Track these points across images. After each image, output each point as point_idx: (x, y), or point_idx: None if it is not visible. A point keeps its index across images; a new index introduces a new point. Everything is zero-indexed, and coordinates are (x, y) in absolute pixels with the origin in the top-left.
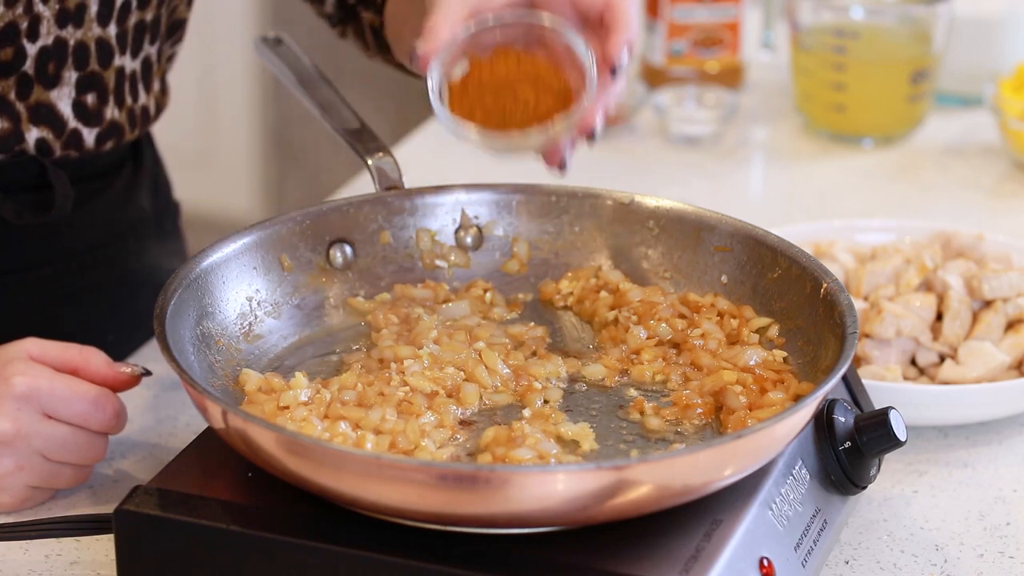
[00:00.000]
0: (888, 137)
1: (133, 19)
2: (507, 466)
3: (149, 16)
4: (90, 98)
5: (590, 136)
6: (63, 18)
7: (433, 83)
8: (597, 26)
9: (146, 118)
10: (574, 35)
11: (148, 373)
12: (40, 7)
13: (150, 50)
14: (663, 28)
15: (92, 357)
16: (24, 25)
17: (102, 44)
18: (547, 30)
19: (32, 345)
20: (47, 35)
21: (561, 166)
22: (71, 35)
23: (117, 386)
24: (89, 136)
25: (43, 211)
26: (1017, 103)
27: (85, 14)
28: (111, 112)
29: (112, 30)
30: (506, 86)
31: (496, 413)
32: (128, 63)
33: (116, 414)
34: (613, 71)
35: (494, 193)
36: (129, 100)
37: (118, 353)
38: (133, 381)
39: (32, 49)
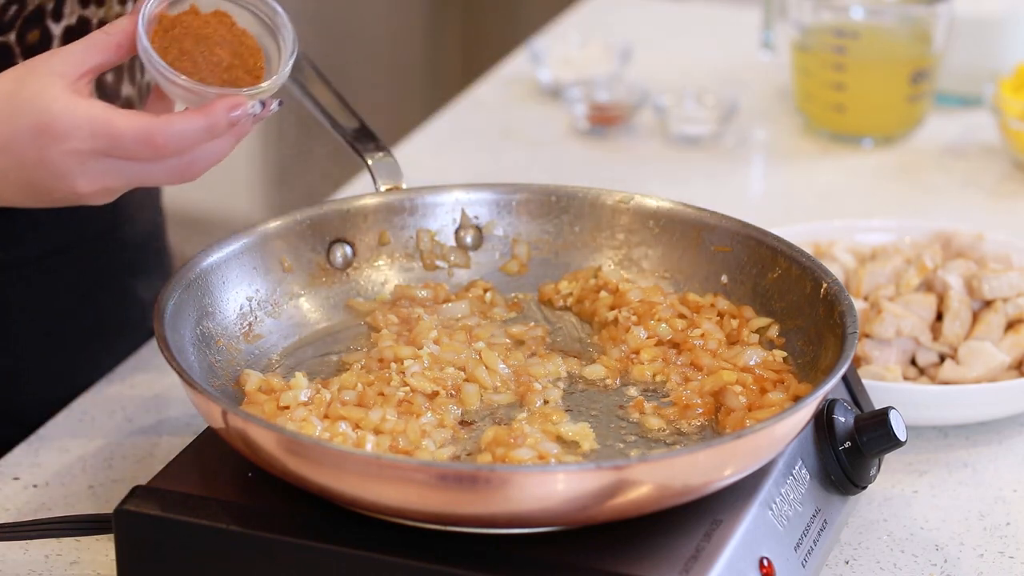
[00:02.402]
0: (888, 137)
1: None
2: (507, 466)
3: None
4: (110, 76)
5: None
6: None
7: (149, 6)
8: None
9: (150, 92)
10: (288, 30)
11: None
12: None
13: None
14: None
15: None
16: (50, 7)
17: None
18: (278, 16)
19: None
20: (71, 15)
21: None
22: (94, 14)
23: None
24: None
25: None
26: (1017, 103)
27: None
28: (126, 89)
29: (130, 6)
30: (207, 40)
31: (496, 413)
32: None
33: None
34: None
35: (494, 193)
36: (138, 75)
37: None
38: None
39: (57, 30)
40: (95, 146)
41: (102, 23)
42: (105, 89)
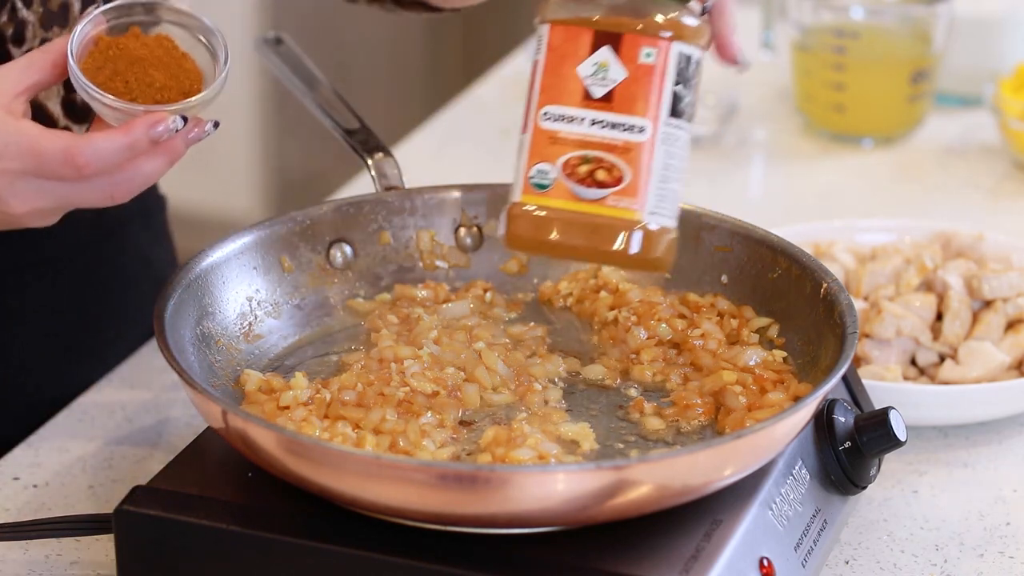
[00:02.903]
0: (888, 137)
1: None
2: (507, 466)
3: None
4: (41, 94)
5: (735, 62)
6: (48, 20)
7: (82, 27)
8: None
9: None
10: (222, 51)
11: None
12: (24, 12)
13: None
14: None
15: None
16: (10, 32)
17: None
18: (210, 32)
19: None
20: (33, 39)
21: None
22: (57, 36)
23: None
24: (79, 132)
25: None
26: (1017, 103)
27: (69, 14)
28: (52, 107)
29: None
30: (141, 62)
31: (496, 413)
32: None
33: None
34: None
35: (494, 193)
36: (63, 92)
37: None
38: None
39: (19, 53)
40: (23, 166)
41: None
42: (76, 109)
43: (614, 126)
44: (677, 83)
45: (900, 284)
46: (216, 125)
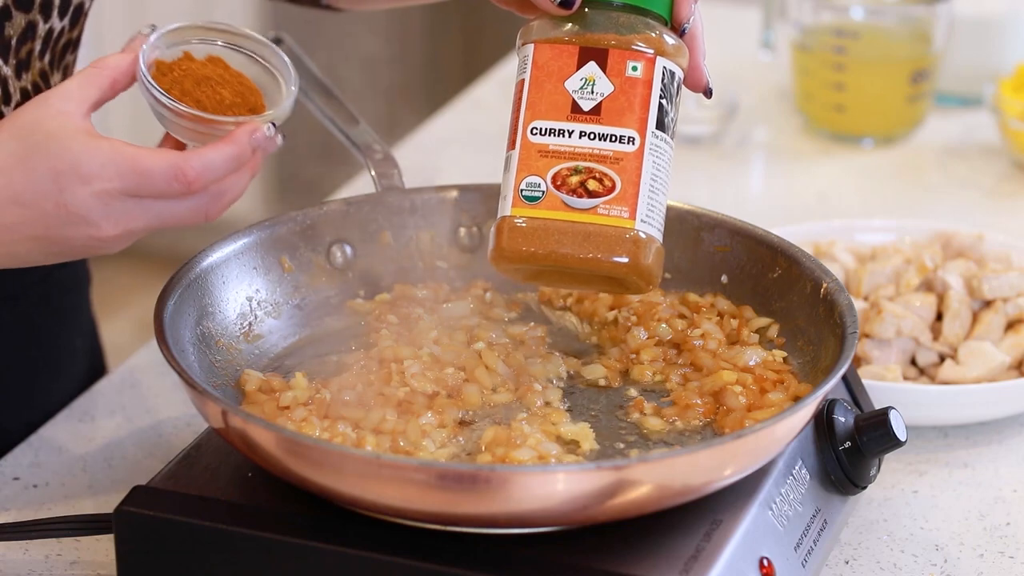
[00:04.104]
0: (888, 137)
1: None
2: (507, 466)
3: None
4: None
5: (707, 93)
6: (18, 69)
7: (148, 48)
8: None
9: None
10: (285, 63)
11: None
12: (4, 69)
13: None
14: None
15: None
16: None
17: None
18: (271, 52)
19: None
20: (14, 92)
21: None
22: (27, 82)
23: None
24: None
25: None
26: (1017, 103)
27: (32, 58)
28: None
29: (57, 77)
30: (208, 81)
31: (496, 413)
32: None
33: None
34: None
35: (494, 193)
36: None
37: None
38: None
39: (8, 111)
40: (123, 186)
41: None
42: None
43: (603, 137)
44: (662, 97)
45: (900, 284)
46: (284, 137)
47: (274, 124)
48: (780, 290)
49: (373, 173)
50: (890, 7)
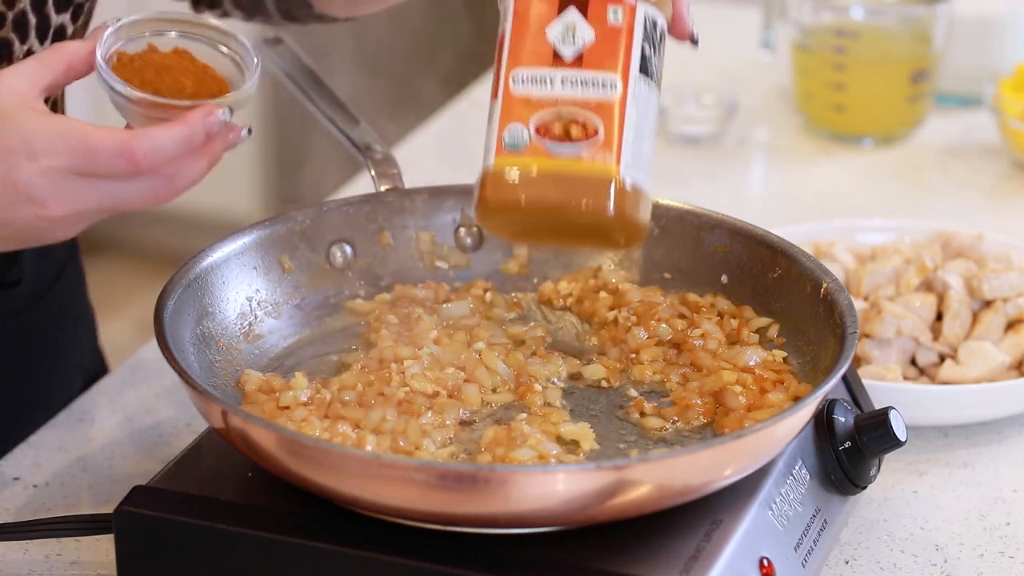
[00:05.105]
0: (888, 137)
1: None
2: (507, 466)
3: None
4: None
5: (692, 40)
6: None
7: (107, 37)
8: None
9: None
10: (249, 52)
11: None
12: None
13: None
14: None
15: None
16: None
17: None
18: (236, 42)
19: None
20: None
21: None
22: None
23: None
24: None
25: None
26: (1017, 103)
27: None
28: None
29: None
30: (169, 70)
31: (496, 413)
32: None
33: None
34: None
35: None
36: None
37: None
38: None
39: None
40: (71, 163)
41: None
42: None
43: (585, 84)
44: (644, 42)
45: (900, 284)
46: (250, 132)
47: (231, 110)
48: (780, 290)
49: (373, 173)
50: (890, 7)
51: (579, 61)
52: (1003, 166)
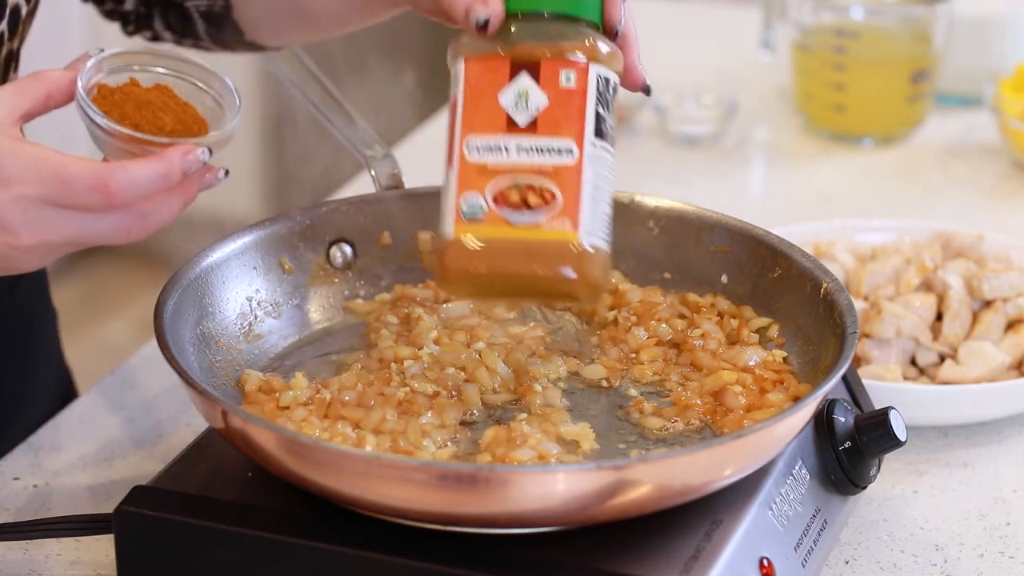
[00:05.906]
0: (888, 137)
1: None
2: (507, 466)
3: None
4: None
5: (645, 90)
6: None
7: (89, 68)
8: None
9: None
10: (231, 94)
11: None
12: None
13: None
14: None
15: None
16: None
17: None
18: (220, 83)
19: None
20: None
21: None
22: None
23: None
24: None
25: None
26: (1017, 103)
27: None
28: None
29: None
30: (149, 106)
31: (496, 413)
32: None
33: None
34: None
35: None
36: None
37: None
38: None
39: None
40: (44, 192)
41: None
42: None
43: (541, 150)
44: (598, 104)
45: (900, 284)
46: (227, 173)
47: (211, 151)
48: (780, 290)
49: (373, 173)
50: (890, 7)
51: (533, 127)
52: (1003, 166)
